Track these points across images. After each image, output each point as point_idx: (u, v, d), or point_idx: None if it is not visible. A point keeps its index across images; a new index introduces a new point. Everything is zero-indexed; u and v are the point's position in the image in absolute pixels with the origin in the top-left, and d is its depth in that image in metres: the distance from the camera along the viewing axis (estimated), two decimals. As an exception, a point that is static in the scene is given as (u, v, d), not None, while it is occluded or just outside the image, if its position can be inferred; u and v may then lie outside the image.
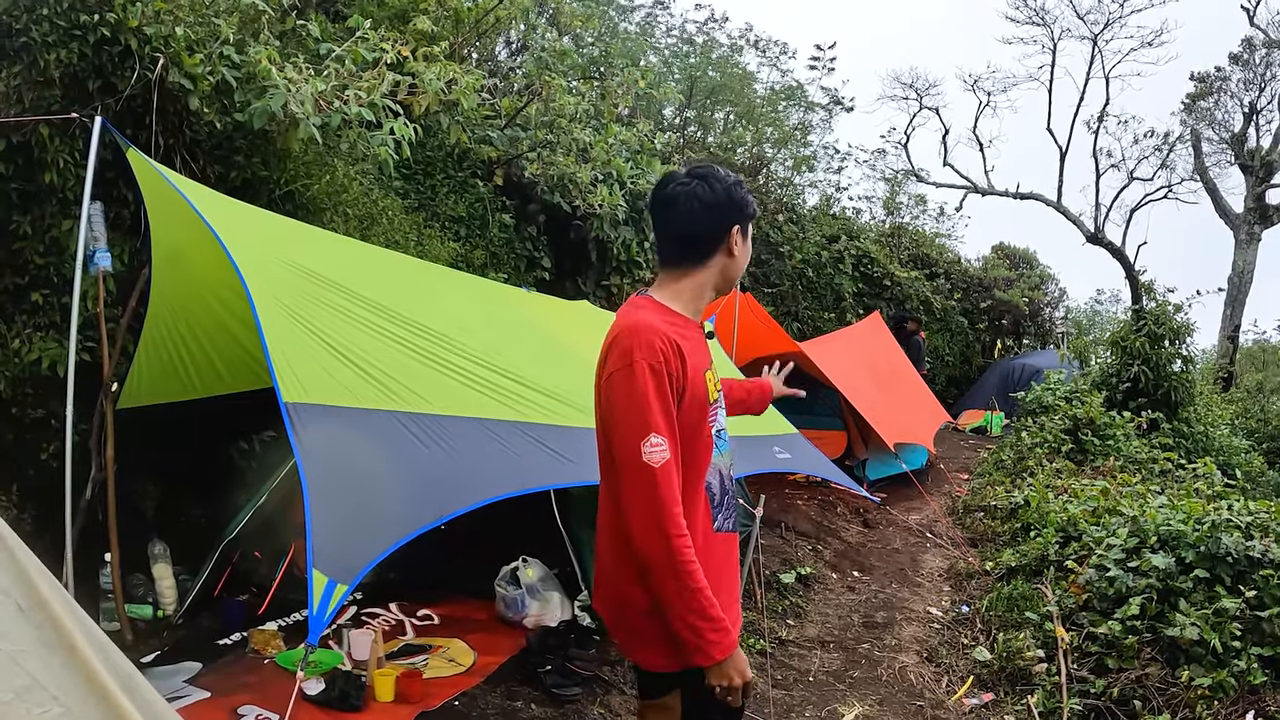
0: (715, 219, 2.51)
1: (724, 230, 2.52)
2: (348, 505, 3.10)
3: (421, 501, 3.30)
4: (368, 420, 3.50)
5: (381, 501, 3.20)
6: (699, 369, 2.43)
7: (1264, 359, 23.74)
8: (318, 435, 3.23)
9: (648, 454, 2.25)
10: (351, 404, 3.50)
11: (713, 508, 2.51)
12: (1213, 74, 23.05)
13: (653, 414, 2.27)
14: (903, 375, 12.69)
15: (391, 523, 3.12)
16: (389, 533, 3.05)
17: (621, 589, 2.49)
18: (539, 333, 5.32)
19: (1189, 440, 12.90)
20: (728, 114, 18.21)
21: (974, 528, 9.47)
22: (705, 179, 2.52)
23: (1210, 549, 5.71)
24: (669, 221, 2.57)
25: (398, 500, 3.26)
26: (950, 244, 23.93)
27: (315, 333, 3.73)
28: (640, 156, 10.69)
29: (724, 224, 2.52)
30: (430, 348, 4.16)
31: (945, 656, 6.18)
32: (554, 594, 5.28)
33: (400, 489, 3.30)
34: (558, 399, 4.47)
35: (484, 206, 8.99)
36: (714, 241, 2.53)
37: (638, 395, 2.28)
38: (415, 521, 3.16)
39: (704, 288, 2.58)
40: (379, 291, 4.36)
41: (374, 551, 2.97)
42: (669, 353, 2.33)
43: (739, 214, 2.54)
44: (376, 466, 3.33)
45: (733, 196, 2.53)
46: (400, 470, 3.40)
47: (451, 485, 3.49)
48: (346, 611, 5.51)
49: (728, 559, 2.60)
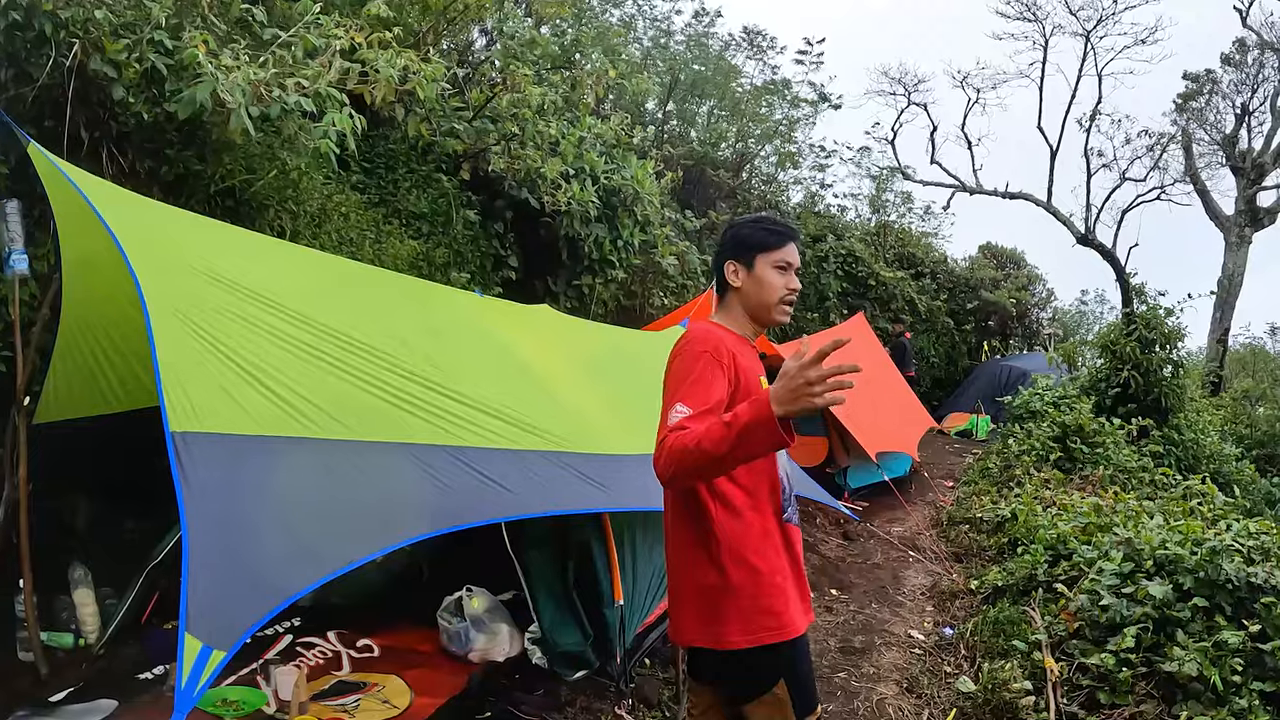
0: (718, 257, 2.94)
1: (721, 266, 2.91)
2: (235, 554, 2.68)
3: (324, 546, 2.87)
4: (271, 450, 3.07)
5: (277, 548, 2.77)
6: (750, 373, 2.72)
7: (1254, 363, 23.51)
8: (207, 470, 2.81)
9: (671, 417, 2.47)
10: (254, 431, 3.07)
11: (783, 499, 2.78)
12: (1204, 74, 22.80)
13: (688, 388, 2.53)
14: (887, 379, 12.35)
15: (285, 575, 2.69)
16: (281, 587, 2.62)
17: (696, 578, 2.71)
18: (489, 343, 4.89)
19: (1179, 448, 12.61)
20: (711, 109, 17.79)
21: (959, 541, 9.09)
22: (728, 225, 3.01)
23: (1210, 575, 5.37)
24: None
25: (296, 546, 2.83)
26: (937, 243, 23.66)
27: (221, 350, 3.30)
28: (616, 151, 10.27)
29: (721, 260, 2.91)
30: (358, 364, 3.73)
31: (927, 687, 5.79)
32: (502, 626, 4.86)
33: (301, 532, 2.87)
34: (503, 419, 4.06)
35: (448, 202, 8.55)
36: (721, 275, 2.92)
37: (680, 372, 2.61)
38: (314, 572, 2.73)
39: (737, 313, 2.89)
40: (307, 301, 3.94)
41: (261, 610, 2.55)
42: (721, 348, 2.64)
43: (730, 250, 2.89)
44: (275, 505, 2.91)
45: (728, 236, 2.93)
46: (304, 509, 2.98)
47: (365, 525, 3.06)
48: (280, 641, 5.09)
49: (793, 548, 2.81)
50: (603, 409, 5.12)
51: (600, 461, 4.41)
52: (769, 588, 2.68)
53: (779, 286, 2.83)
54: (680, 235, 12.44)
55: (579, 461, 4.20)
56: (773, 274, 2.83)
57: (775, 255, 2.83)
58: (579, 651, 4.56)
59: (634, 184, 9.60)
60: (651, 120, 16.13)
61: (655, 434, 2.49)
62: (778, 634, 2.68)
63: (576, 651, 4.57)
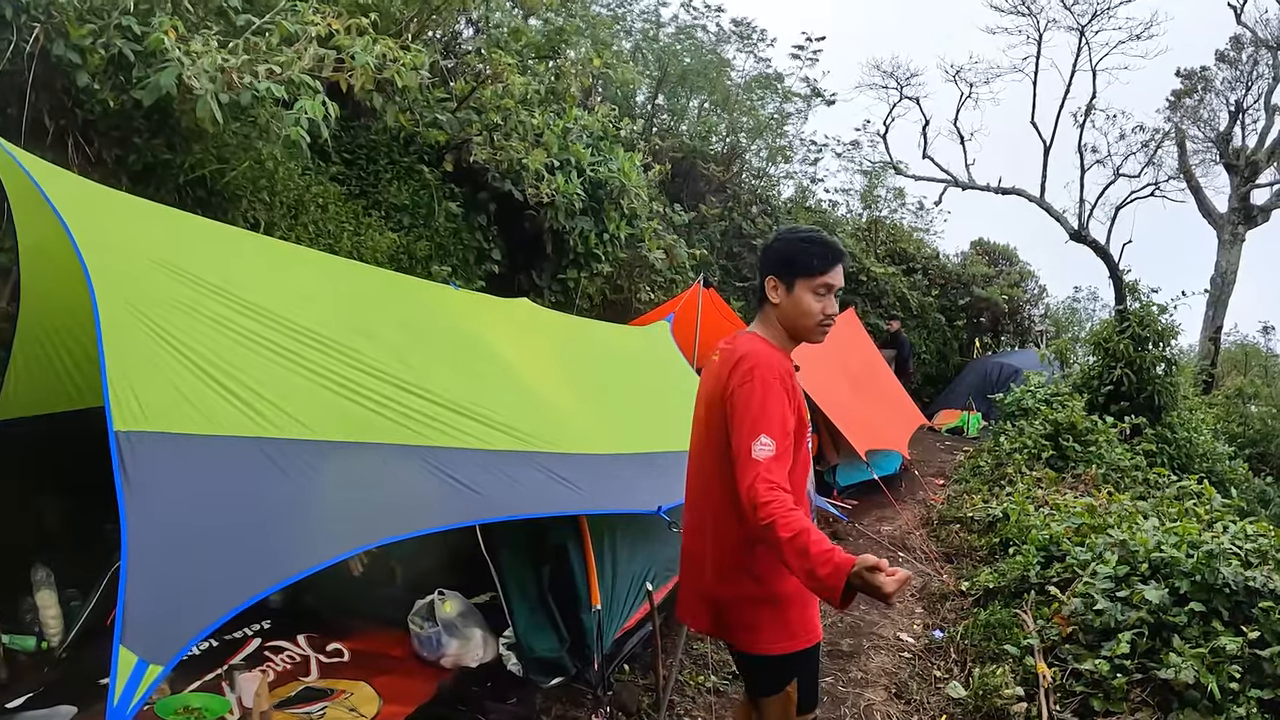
0: (760, 270, 2.97)
1: (762, 280, 2.94)
2: (178, 561, 2.50)
3: (274, 554, 2.70)
4: (223, 451, 2.90)
5: (223, 555, 2.60)
6: (799, 392, 2.84)
7: (1245, 361, 23.42)
8: (153, 471, 2.63)
9: (756, 451, 2.58)
10: (205, 431, 2.90)
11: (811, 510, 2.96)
12: (1198, 71, 22.69)
13: (768, 419, 2.64)
14: (877, 375, 12.20)
15: (230, 584, 2.52)
16: (226, 596, 2.45)
17: (728, 585, 2.86)
18: (463, 338, 4.71)
19: (1172, 447, 12.52)
20: (702, 102, 17.61)
21: (949, 541, 8.96)
22: (776, 235, 3.02)
23: (1207, 579, 5.24)
24: None
25: (244, 553, 2.65)
26: (929, 239, 23.54)
27: (174, 345, 3.12)
28: (603, 143, 10.09)
29: (763, 275, 2.94)
30: (322, 360, 3.56)
31: (916, 692, 5.65)
32: (476, 631, 4.67)
33: (250, 538, 2.70)
34: (475, 418, 3.89)
35: (430, 194, 8.39)
36: (761, 289, 2.95)
37: (756, 399, 2.68)
38: (261, 581, 2.56)
39: (777, 329, 2.93)
40: (271, 295, 3.76)
41: (203, 622, 2.38)
42: (787, 375, 2.78)
43: (773, 265, 2.91)
44: (224, 510, 2.73)
45: (771, 250, 2.95)
46: (255, 514, 2.80)
47: (319, 530, 2.88)
48: (248, 645, 4.91)
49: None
50: (583, 407, 4.96)
51: (578, 462, 4.25)
52: (803, 596, 2.84)
53: (815, 313, 2.85)
54: (669, 229, 12.27)
55: (554, 462, 4.03)
56: (810, 299, 2.84)
57: (817, 280, 2.83)
58: (555, 657, 4.39)
59: (621, 176, 9.44)
60: (641, 113, 15.96)
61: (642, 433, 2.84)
62: (806, 640, 2.87)
63: (552, 657, 4.39)
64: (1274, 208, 21.27)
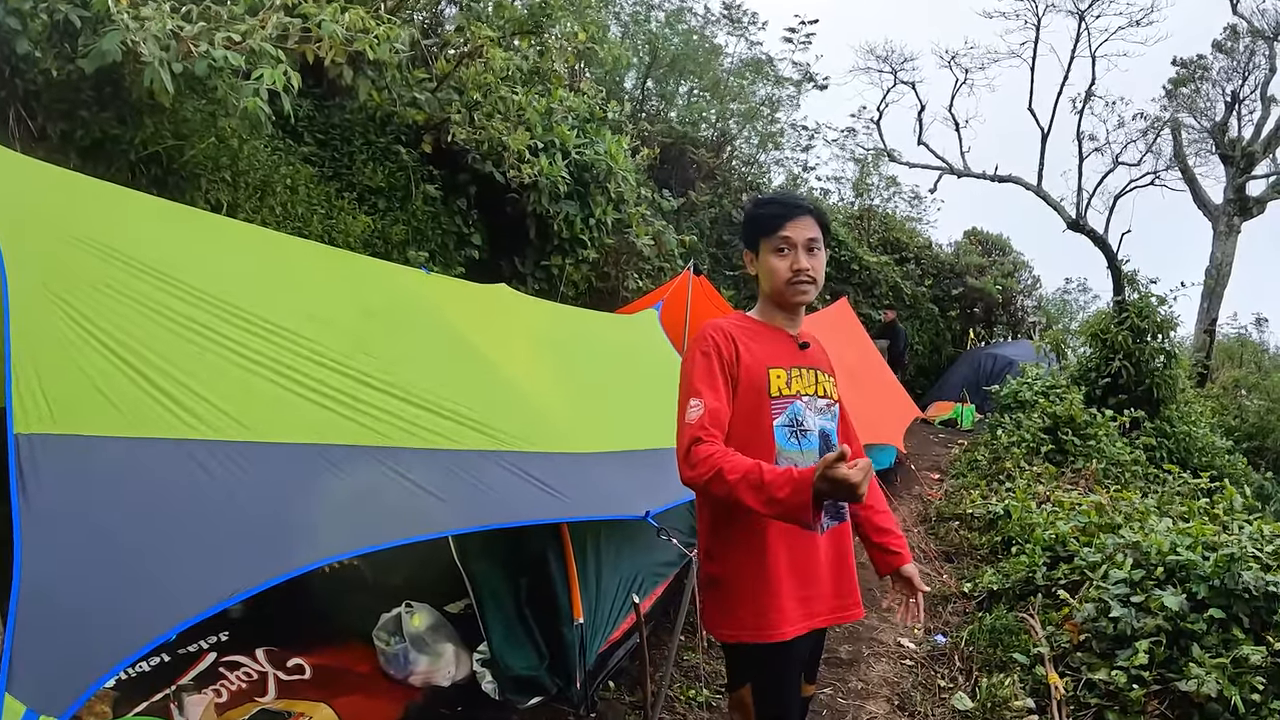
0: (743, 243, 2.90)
1: (744, 256, 2.89)
2: (80, 591, 2.12)
3: (196, 579, 2.31)
4: (145, 457, 2.51)
5: (135, 583, 2.22)
6: (757, 360, 2.68)
7: (1241, 354, 23.19)
8: (57, 482, 2.25)
9: (687, 414, 2.53)
10: (125, 433, 2.52)
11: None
12: (1194, 61, 22.42)
13: (693, 382, 2.59)
14: (872, 367, 11.87)
15: (142, 615, 2.14)
16: (136, 633, 2.08)
17: (703, 560, 2.79)
18: (433, 327, 4.30)
19: (1171, 440, 12.25)
20: (691, 87, 17.22)
21: (949, 539, 8.63)
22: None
23: (1227, 584, 4.93)
24: None
25: (161, 580, 2.27)
26: (921, 228, 23.30)
27: (97, 334, 2.74)
28: (589, 125, 9.69)
29: (744, 249, 2.88)
30: (269, 351, 3.17)
31: (920, 703, 5.31)
32: (447, 646, 4.29)
33: (170, 561, 2.31)
34: (443, 414, 3.51)
35: (407, 176, 7.99)
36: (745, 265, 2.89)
37: (684, 373, 2.67)
38: (180, 612, 2.17)
39: (763, 301, 2.87)
40: (216, 277, 3.37)
41: (107, 664, 2.01)
42: (720, 341, 2.66)
43: (744, 238, 2.85)
44: (141, 528, 2.34)
45: (743, 225, 2.89)
46: (178, 530, 2.41)
47: (252, 550, 2.50)
48: (202, 661, 4.52)
49: (792, 552, 2.67)
50: (565, 401, 4.58)
51: (559, 462, 3.88)
52: (756, 586, 2.64)
53: (781, 270, 2.73)
54: (657, 215, 11.89)
55: (532, 463, 3.64)
56: (773, 258, 2.74)
57: (775, 238, 2.73)
58: (533, 675, 4.02)
59: (608, 159, 9.04)
60: (630, 98, 15.58)
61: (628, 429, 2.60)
62: (754, 634, 2.65)
63: (530, 675, 4.02)
64: (1270, 199, 21.03)
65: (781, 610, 2.64)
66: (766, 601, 2.64)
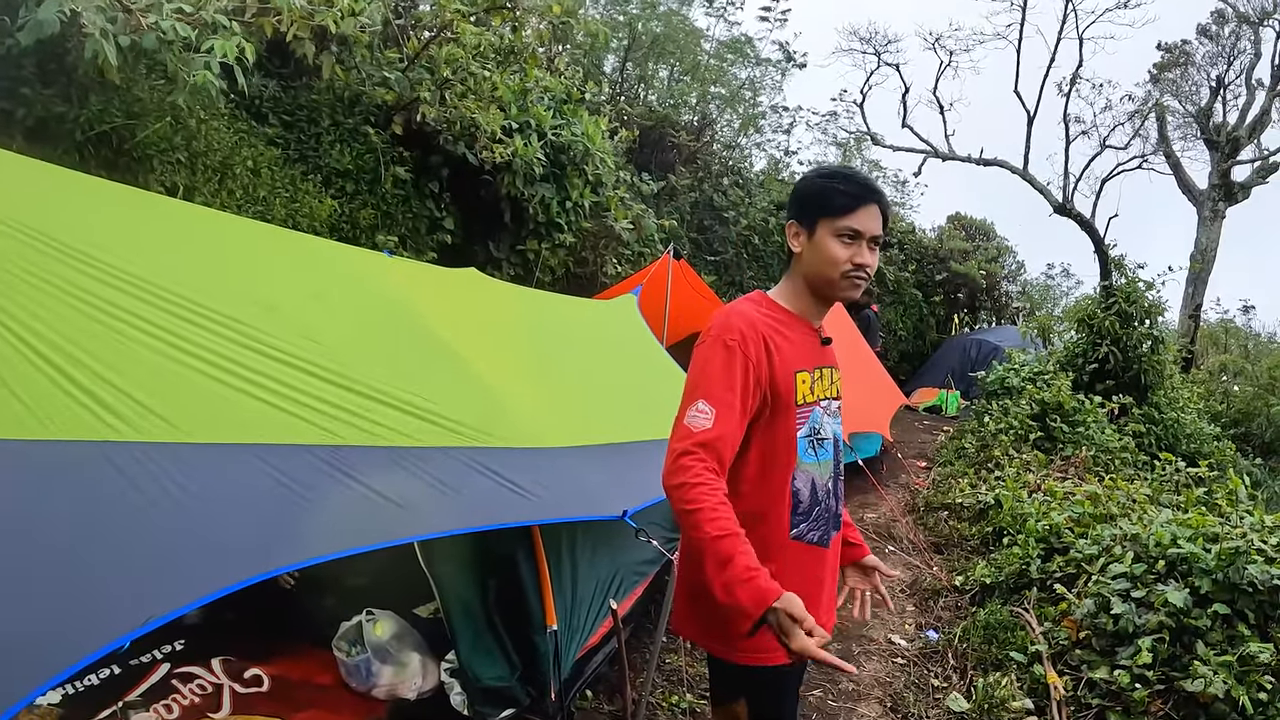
0: (787, 217, 2.54)
1: (787, 225, 2.54)
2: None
3: (110, 602, 2.02)
4: (55, 461, 2.22)
5: (36, 610, 1.93)
6: (786, 365, 2.40)
7: (1225, 339, 23.10)
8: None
9: (690, 417, 2.24)
10: (34, 435, 2.22)
11: (794, 514, 2.44)
12: (1179, 45, 22.27)
13: (708, 383, 2.27)
14: (856, 354, 11.61)
15: (44, 648, 1.84)
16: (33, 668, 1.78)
17: (693, 572, 2.47)
18: (392, 313, 3.99)
19: (1160, 427, 12.08)
20: (672, 68, 16.91)
21: (938, 529, 8.40)
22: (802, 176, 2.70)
23: (1231, 578, 4.72)
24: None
25: (69, 604, 1.98)
26: (905, 213, 23.08)
27: (5, 323, 2.45)
28: (566, 106, 9.38)
29: (789, 218, 2.53)
30: (203, 340, 2.87)
31: (913, 705, 5.08)
32: (413, 655, 4.00)
33: (81, 581, 2.02)
34: (400, 408, 3.22)
35: (376, 158, 7.66)
36: (786, 239, 2.55)
37: (698, 364, 2.32)
38: (92, 639, 1.88)
39: (798, 285, 2.52)
40: (149, 261, 3.08)
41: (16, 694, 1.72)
42: (747, 336, 2.32)
43: (793, 208, 2.51)
44: (47, 544, 2.05)
45: (794, 193, 2.54)
46: (90, 545, 2.12)
47: (171, 568, 2.20)
48: (154, 672, 4.23)
49: (807, 570, 2.48)
50: (538, 392, 4.28)
51: (528, 458, 3.58)
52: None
53: (841, 260, 2.41)
54: (636, 198, 11.59)
55: (499, 460, 3.35)
56: (834, 244, 2.41)
57: (841, 222, 2.40)
58: (505, 686, 3.74)
59: (585, 140, 8.73)
60: (609, 80, 15.27)
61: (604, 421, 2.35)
62: (751, 656, 2.42)
63: (502, 686, 3.74)
64: (1255, 185, 20.88)
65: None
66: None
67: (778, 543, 2.40)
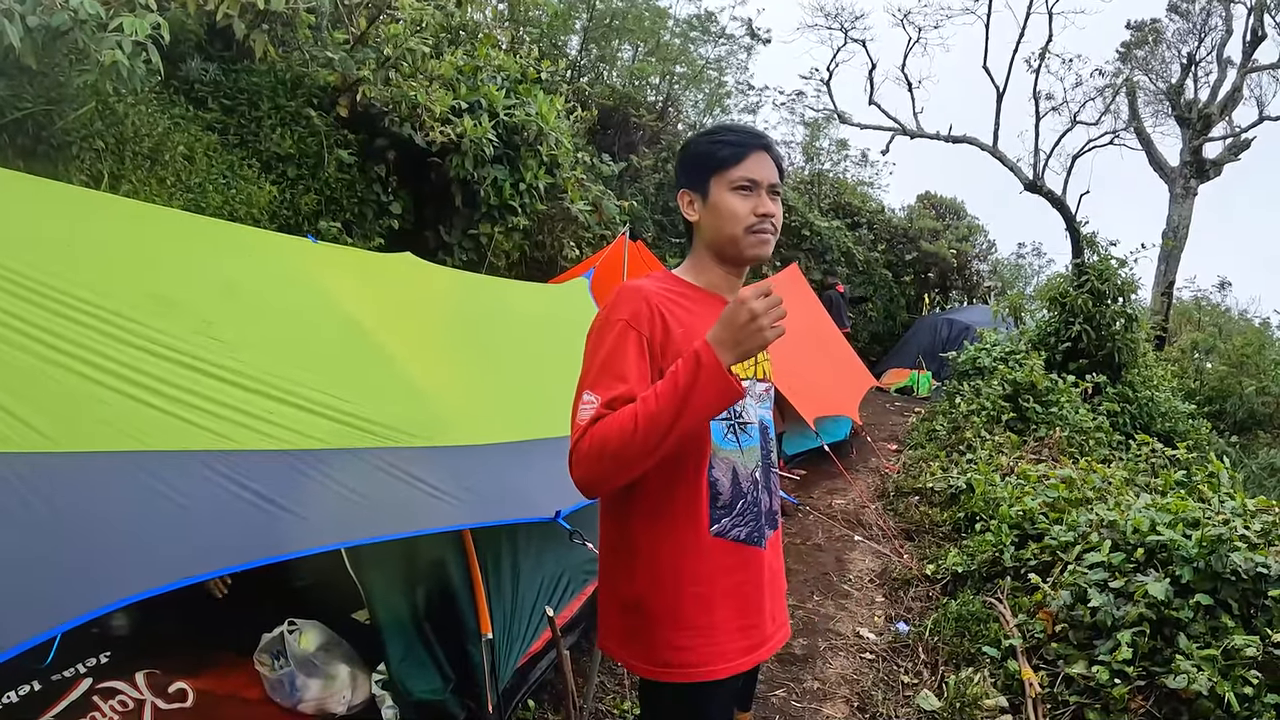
0: (676, 184, 2.37)
1: (679, 195, 2.35)
2: None
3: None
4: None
5: None
6: (691, 338, 2.10)
7: (1199, 317, 23.08)
8: None
9: (580, 412, 2.05)
10: None
11: (714, 507, 2.21)
12: (1149, 23, 22.20)
13: (596, 371, 2.09)
14: (824, 336, 11.42)
15: None
16: None
17: (616, 587, 2.27)
18: (311, 303, 3.65)
19: (1134, 406, 11.94)
20: (636, 48, 16.60)
21: (908, 515, 8.19)
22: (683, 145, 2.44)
23: (1213, 567, 4.52)
24: None
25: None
26: (874, 193, 22.92)
27: None
28: (521, 86, 9.06)
29: (679, 188, 2.35)
30: (83, 338, 2.56)
31: (882, 704, 4.85)
32: (341, 668, 3.72)
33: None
34: (309, 408, 2.93)
35: (319, 142, 7.32)
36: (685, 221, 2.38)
37: (588, 350, 2.17)
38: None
39: (701, 257, 2.36)
40: (30, 254, 2.77)
41: None
42: (639, 311, 2.14)
43: (682, 178, 2.32)
44: None
45: (679, 160, 2.37)
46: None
47: (44, 587, 1.91)
48: (76, 687, 3.93)
49: (737, 573, 2.24)
50: (469, 385, 3.99)
51: (452, 458, 3.30)
52: (686, 611, 2.19)
53: (743, 214, 2.23)
54: (597, 180, 11.29)
55: (416, 461, 3.06)
56: (732, 199, 2.23)
57: (734, 172, 2.22)
58: (438, 700, 3.48)
59: (539, 120, 8.42)
60: (571, 62, 14.95)
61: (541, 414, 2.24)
62: (681, 673, 2.19)
63: (434, 700, 3.48)
64: (1226, 161, 20.90)
65: (716, 644, 2.21)
66: (699, 632, 2.20)
67: (696, 541, 2.18)
